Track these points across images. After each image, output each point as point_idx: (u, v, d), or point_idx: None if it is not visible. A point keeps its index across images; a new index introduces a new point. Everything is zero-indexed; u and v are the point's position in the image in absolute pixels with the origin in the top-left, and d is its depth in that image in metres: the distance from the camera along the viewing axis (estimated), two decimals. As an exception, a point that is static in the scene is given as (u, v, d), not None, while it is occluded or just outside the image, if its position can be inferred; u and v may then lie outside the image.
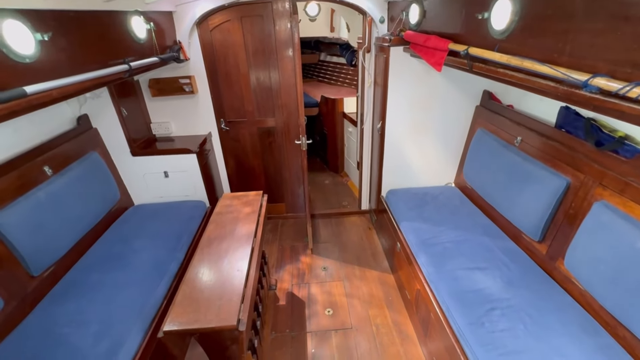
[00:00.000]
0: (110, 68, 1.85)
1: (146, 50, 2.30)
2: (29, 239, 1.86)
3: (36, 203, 1.93)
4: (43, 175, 2.07)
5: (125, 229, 2.52)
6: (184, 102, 3.01)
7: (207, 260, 1.77)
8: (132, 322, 1.74)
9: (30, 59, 1.41)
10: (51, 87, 1.45)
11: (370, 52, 2.93)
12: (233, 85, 3.01)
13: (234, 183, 3.49)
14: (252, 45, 2.87)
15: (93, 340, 1.64)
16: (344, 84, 5.31)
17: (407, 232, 2.40)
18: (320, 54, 5.99)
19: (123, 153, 2.75)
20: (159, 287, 1.99)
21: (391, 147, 2.90)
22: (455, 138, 2.89)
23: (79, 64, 1.67)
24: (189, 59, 2.82)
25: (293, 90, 3.05)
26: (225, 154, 3.32)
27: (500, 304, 1.69)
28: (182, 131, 3.14)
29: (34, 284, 1.91)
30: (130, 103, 2.78)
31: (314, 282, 2.78)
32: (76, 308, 1.82)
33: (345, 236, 3.38)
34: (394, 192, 2.90)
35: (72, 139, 2.38)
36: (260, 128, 3.23)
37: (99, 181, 2.51)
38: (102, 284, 1.99)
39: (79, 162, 2.36)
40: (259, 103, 3.12)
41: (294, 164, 3.41)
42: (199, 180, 2.93)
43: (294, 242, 3.32)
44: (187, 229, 2.56)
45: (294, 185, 3.53)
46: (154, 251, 2.26)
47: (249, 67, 2.95)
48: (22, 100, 1.32)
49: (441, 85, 2.67)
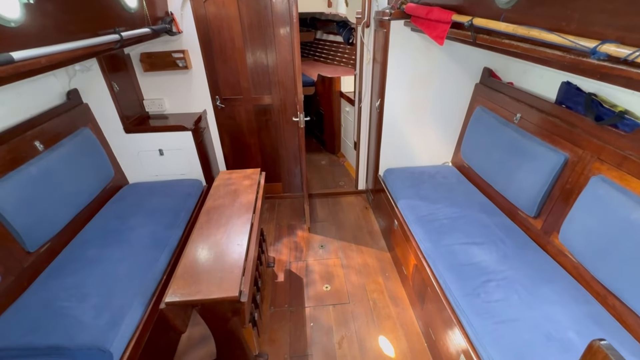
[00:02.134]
0: (101, 37, 1.76)
1: (137, 21, 2.20)
2: (22, 214, 1.82)
3: (28, 178, 1.89)
4: (34, 150, 2.01)
5: (121, 206, 2.49)
6: (177, 77, 2.92)
7: (207, 234, 1.77)
8: (132, 295, 1.75)
9: (16, 23, 1.33)
10: (39, 54, 1.38)
11: (370, 28, 2.85)
12: (228, 60, 2.93)
13: (230, 162, 3.45)
14: (247, 18, 2.76)
15: (94, 312, 1.64)
16: (340, 62, 5.19)
17: (404, 209, 2.42)
18: (316, 32, 5.83)
19: (116, 130, 2.68)
20: (158, 261, 1.99)
21: (389, 125, 2.87)
22: (453, 117, 2.88)
23: (66, 31, 1.59)
24: (182, 32, 2.71)
25: (290, 67, 2.98)
26: (221, 133, 3.27)
27: (495, 276, 1.74)
28: (176, 108, 3.07)
29: (30, 259, 1.89)
30: (122, 78, 2.69)
31: (312, 259, 2.82)
32: (75, 282, 1.81)
33: (342, 215, 3.40)
34: (392, 171, 2.90)
35: (62, 113, 2.30)
36: (257, 105, 3.17)
37: (92, 158, 2.45)
38: (100, 259, 1.98)
39: (71, 137, 2.30)
40: (254, 79, 3.04)
41: (290, 142, 3.38)
42: (194, 158, 2.89)
43: (291, 221, 3.33)
44: (185, 206, 2.54)
45: (290, 164, 3.51)
46: (152, 227, 2.24)
47: (245, 42, 2.86)
48: (9, 67, 1.26)
49: (441, 62, 2.63)
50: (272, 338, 2.16)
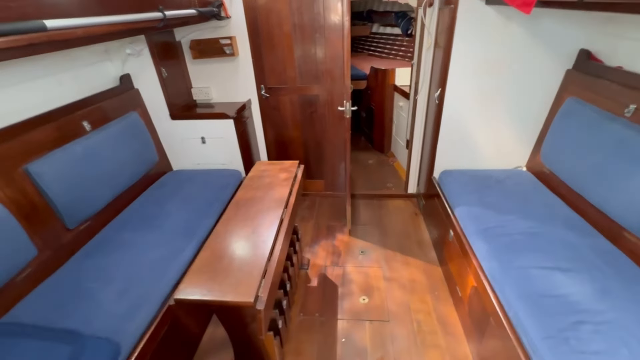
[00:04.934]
0: (142, 14, 1.71)
1: (184, 2, 2.14)
2: (64, 191, 1.85)
3: (73, 156, 1.92)
4: (81, 130, 2.05)
5: (161, 192, 2.48)
6: (224, 65, 2.87)
7: (232, 227, 1.61)
8: (154, 284, 1.65)
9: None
10: (74, 25, 1.33)
11: (433, 7, 2.48)
12: (275, 47, 2.79)
13: (272, 155, 3.33)
14: (296, 2, 2.59)
15: (116, 297, 1.57)
16: (396, 56, 4.82)
17: (463, 218, 2.02)
18: (372, 26, 5.53)
19: (162, 116, 2.70)
20: (184, 252, 1.89)
21: (449, 120, 2.47)
22: (532, 111, 2.37)
23: (108, 5, 1.54)
24: (230, 17, 2.63)
25: (340, 53, 2.74)
26: (265, 123, 3.15)
27: (592, 318, 1.29)
28: (222, 97, 3.02)
29: (69, 236, 1.92)
30: (172, 65, 2.70)
31: (350, 265, 2.54)
32: (106, 264, 1.79)
33: (387, 220, 3.06)
34: (449, 173, 2.49)
35: (113, 97, 2.35)
36: (302, 96, 2.98)
37: (138, 142, 2.48)
38: (133, 242, 1.94)
39: (119, 120, 2.33)
40: (301, 68, 2.86)
41: (336, 137, 3.13)
42: (235, 148, 2.80)
43: (331, 222, 3.09)
44: (220, 197, 2.44)
45: (334, 161, 3.27)
46: (186, 214, 2.17)
47: (293, 27, 2.69)
48: (42, 34, 1.21)
49: (520, 43, 2.16)
50: (298, 349, 1.93)
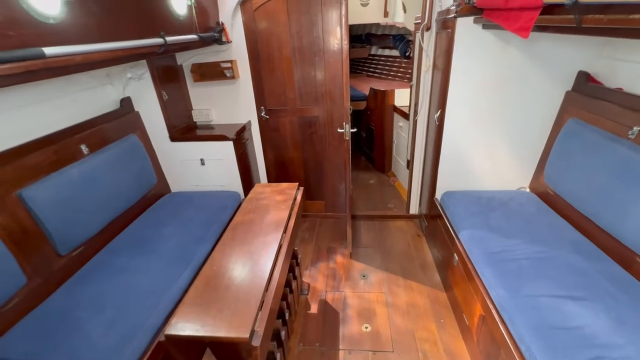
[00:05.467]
0: (143, 40, 1.73)
1: (185, 28, 2.18)
2: (58, 216, 1.81)
3: (69, 180, 1.89)
4: (79, 153, 2.03)
5: (159, 214, 2.43)
6: (224, 88, 2.89)
7: (229, 253, 1.55)
8: (146, 315, 1.58)
9: (55, 20, 1.30)
10: (74, 52, 1.33)
11: (430, 31, 2.53)
12: (275, 70, 2.82)
13: (271, 176, 3.30)
14: (296, 25, 2.64)
15: (104, 329, 1.50)
16: (395, 77, 4.90)
17: (468, 242, 1.96)
18: (371, 48, 5.65)
19: (162, 138, 2.70)
20: (180, 278, 1.82)
21: (450, 141, 2.46)
22: (533, 132, 2.36)
23: (109, 33, 1.56)
24: (231, 42, 2.68)
25: (339, 75, 2.77)
26: (264, 145, 3.15)
27: (610, 353, 1.21)
28: (222, 119, 3.03)
29: (61, 262, 1.86)
30: (173, 88, 2.72)
31: (351, 291, 2.45)
32: (97, 291, 1.72)
33: (389, 242, 2.99)
34: (452, 195, 2.45)
35: (113, 120, 2.35)
36: (302, 117, 2.99)
37: (136, 164, 2.46)
38: (127, 268, 1.88)
39: (117, 143, 2.32)
40: (301, 90, 2.89)
41: (336, 158, 3.12)
42: (234, 169, 2.78)
43: (331, 244, 3.02)
44: (218, 219, 2.39)
45: (335, 182, 3.24)
46: (182, 238, 2.12)
47: (293, 51, 2.73)
48: (39, 61, 1.21)
49: (519, 65, 2.17)
50: (298, 383, 1.82)
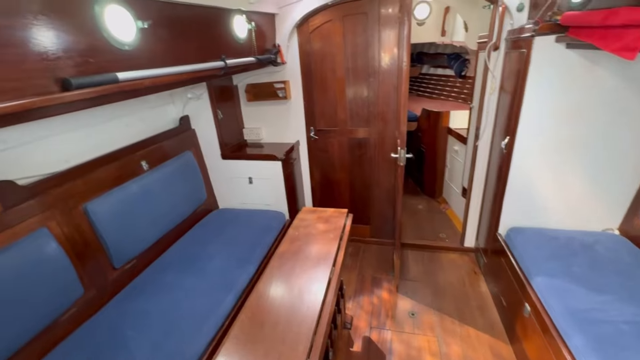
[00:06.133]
0: (206, 64, 1.77)
1: (245, 51, 2.23)
2: (116, 230, 1.88)
3: (128, 195, 1.97)
4: (139, 169, 2.13)
5: (205, 231, 2.46)
6: (276, 107, 2.92)
7: (275, 286, 1.46)
8: (189, 341, 1.54)
9: (130, 47, 1.36)
10: (143, 76, 1.38)
11: (498, 50, 2.32)
12: (327, 90, 2.78)
13: (317, 197, 3.23)
14: (351, 46, 2.60)
15: (150, 352, 1.48)
16: (449, 97, 4.65)
17: (544, 292, 1.68)
18: (421, 67, 5.48)
19: (214, 155, 2.76)
20: (223, 303, 1.77)
21: (519, 171, 2.19)
22: (625, 166, 2.01)
23: (175, 57, 1.62)
24: (286, 63, 2.71)
25: (394, 97, 2.65)
26: (312, 165, 3.10)
27: None
28: (272, 138, 3.05)
29: (115, 275, 1.92)
30: (227, 107, 2.80)
31: (398, 330, 2.23)
32: (145, 308, 1.73)
33: (441, 277, 2.72)
34: (521, 232, 2.16)
35: (172, 137, 2.46)
36: (352, 139, 2.90)
37: (189, 181, 2.53)
38: (174, 286, 1.89)
39: (174, 160, 2.41)
40: (352, 111, 2.81)
41: (385, 182, 2.96)
42: (281, 189, 2.75)
43: (376, 273, 2.82)
44: (263, 241, 2.35)
45: (382, 206, 3.07)
46: (227, 260, 2.10)
47: (346, 71, 2.68)
48: (113, 86, 1.25)
49: (610, 90, 1.88)
50: None
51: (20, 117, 1.05)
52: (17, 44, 0.98)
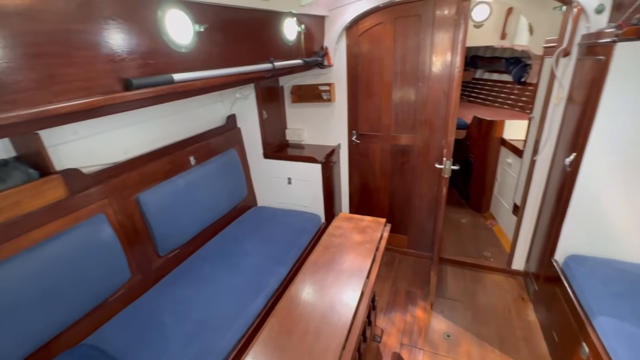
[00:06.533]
0: (255, 65, 1.81)
1: (292, 53, 2.25)
2: (163, 220, 1.99)
3: (176, 188, 2.08)
4: (187, 164, 2.24)
5: (243, 228, 2.53)
6: (319, 110, 2.91)
7: (306, 293, 1.44)
8: (220, 336, 1.58)
9: (186, 49, 1.43)
10: (196, 78, 1.44)
11: (569, 57, 2.08)
12: (373, 95, 2.72)
13: (354, 203, 3.17)
14: (401, 50, 2.50)
15: (184, 341, 1.55)
16: (503, 105, 4.33)
17: (609, 336, 1.46)
18: (475, 71, 5.16)
19: (257, 154, 2.83)
20: (255, 302, 1.80)
21: (585, 193, 1.94)
22: None
23: (226, 59, 1.66)
24: (332, 66, 2.68)
25: (442, 104, 2.51)
26: (351, 169, 3.05)
27: None
28: (314, 140, 3.05)
29: (159, 262, 2.04)
30: (272, 108, 2.85)
31: (431, 352, 2.10)
32: (183, 298, 1.82)
33: (483, 299, 2.52)
34: (582, 260, 1.92)
35: (218, 135, 2.56)
36: (395, 145, 2.80)
37: (232, 177, 2.61)
38: (211, 278, 1.96)
39: (219, 156, 2.51)
40: (398, 116, 2.71)
41: (427, 192, 2.82)
42: (319, 192, 2.74)
43: (411, 287, 2.70)
44: (297, 242, 2.36)
45: (422, 217, 2.93)
46: (261, 258, 2.13)
47: (394, 75, 2.59)
48: (168, 86, 1.32)
49: None
50: None
51: (88, 114, 1.14)
52: (89, 47, 1.07)
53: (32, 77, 0.94)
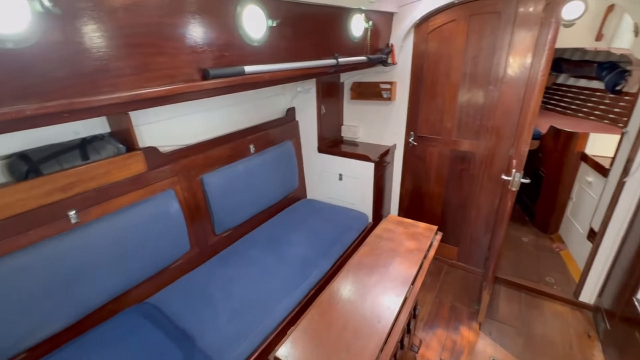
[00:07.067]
0: (320, 61, 1.84)
1: (357, 50, 2.23)
2: (221, 201, 2.15)
3: (235, 173, 2.22)
4: (247, 152, 2.38)
5: (291, 218, 2.61)
6: (378, 108, 2.86)
7: (349, 291, 1.45)
8: (262, 316, 1.67)
9: (258, 43, 1.50)
10: (264, 70, 1.51)
11: (686, 64, 1.76)
12: (437, 96, 2.59)
13: (404, 206, 3.08)
14: (474, 49, 2.34)
15: (229, 316, 1.66)
16: (589, 116, 3.82)
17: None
18: (557, 76, 4.61)
19: (311, 147, 2.89)
20: (297, 290, 1.87)
21: (688, 225, 1.64)
22: None
23: (293, 53, 1.71)
24: (396, 64, 2.61)
25: (516, 111, 2.30)
26: (404, 172, 2.95)
27: None
28: (369, 138, 3.02)
29: (214, 240, 2.21)
30: (331, 103, 2.88)
31: (474, 373, 1.98)
32: (231, 275, 1.95)
33: (539, 328, 2.29)
34: (674, 305, 1.64)
35: (277, 126, 2.66)
36: (455, 150, 2.64)
37: (286, 168, 2.71)
38: (257, 261, 2.07)
39: (276, 147, 2.61)
40: (462, 120, 2.55)
41: (485, 203, 2.62)
42: (369, 191, 2.71)
43: (457, 302, 2.55)
44: (342, 239, 2.37)
45: (477, 230, 2.73)
46: (306, 249, 2.19)
47: (463, 77, 2.43)
48: (239, 78, 1.41)
49: None
50: None
51: (170, 99, 1.27)
52: (177, 39, 1.18)
53: (130, 64, 1.08)
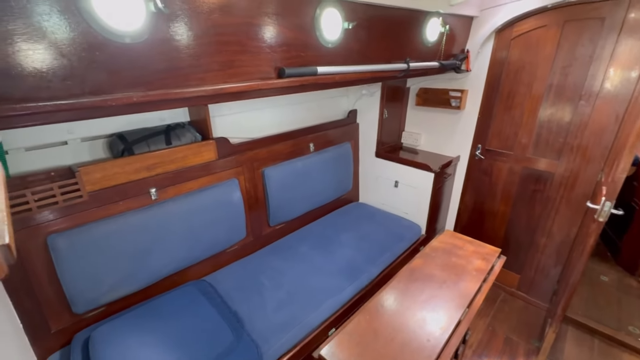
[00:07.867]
0: (390, 65, 1.81)
1: (429, 55, 2.15)
2: (278, 195, 2.23)
3: (293, 170, 2.29)
4: (307, 150, 2.43)
5: (343, 220, 2.61)
6: (444, 116, 2.73)
7: (399, 303, 1.40)
8: (308, 311, 1.70)
9: (333, 45, 1.53)
10: (336, 72, 1.54)
11: None
12: (513, 108, 2.38)
13: (461, 223, 2.89)
14: (565, 59, 2.09)
15: (277, 305, 1.72)
16: None
17: None
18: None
19: (369, 151, 2.86)
20: (343, 292, 1.86)
21: None
22: None
23: (364, 55, 1.71)
24: (470, 71, 2.46)
25: (610, 130, 2.01)
26: (466, 186, 2.77)
27: None
28: (430, 147, 2.89)
29: (267, 231, 2.31)
30: (394, 107, 2.82)
31: (527, 417, 1.77)
32: (281, 267, 2.02)
33: (615, 383, 1.97)
34: None
35: (338, 127, 2.68)
36: (528, 169, 2.40)
37: (342, 169, 2.71)
38: (306, 257, 2.12)
39: (335, 147, 2.63)
40: (540, 136, 2.30)
41: (560, 231, 2.34)
42: (425, 202, 2.59)
43: (512, 334, 2.32)
44: (392, 247, 2.30)
45: (547, 259, 2.45)
46: (355, 252, 2.18)
47: (548, 89, 2.20)
48: (311, 78, 1.45)
49: None
50: None
51: (246, 95, 1.35)
52: (259, 38, 1.26)
53: (218, 61, 1.17)
